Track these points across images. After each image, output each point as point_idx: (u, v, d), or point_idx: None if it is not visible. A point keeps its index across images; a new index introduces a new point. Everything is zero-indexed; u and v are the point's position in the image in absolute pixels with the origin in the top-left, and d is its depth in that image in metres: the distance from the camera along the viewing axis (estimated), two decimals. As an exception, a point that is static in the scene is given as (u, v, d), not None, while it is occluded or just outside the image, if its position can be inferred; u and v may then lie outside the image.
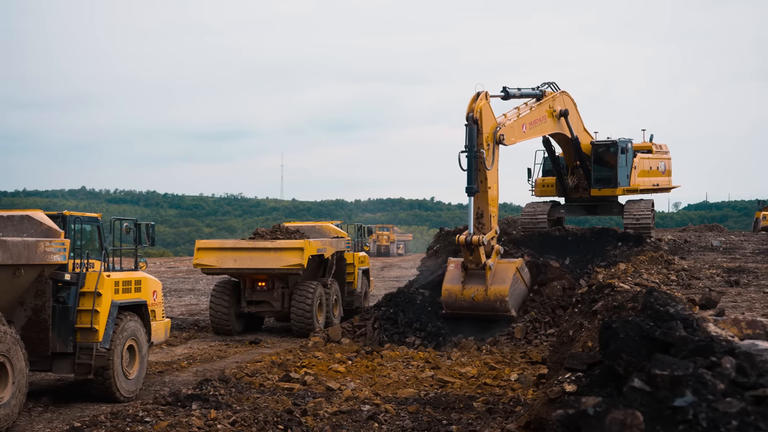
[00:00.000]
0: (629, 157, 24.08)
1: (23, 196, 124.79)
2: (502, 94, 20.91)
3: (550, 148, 24.12)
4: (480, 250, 19.36)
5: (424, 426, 12.00)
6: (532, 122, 21.41)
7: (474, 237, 19.21)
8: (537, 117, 21.60)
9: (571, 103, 23.33)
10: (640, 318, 7.14)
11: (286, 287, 22.65)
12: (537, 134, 21.78)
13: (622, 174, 24.00)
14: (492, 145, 19.56)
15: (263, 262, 21.89)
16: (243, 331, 23.04)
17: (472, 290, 19.80)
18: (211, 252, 22.48)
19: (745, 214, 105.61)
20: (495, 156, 19.59)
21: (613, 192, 24.15)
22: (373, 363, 17.39)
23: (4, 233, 12.51)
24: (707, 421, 4.98)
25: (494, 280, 19.81)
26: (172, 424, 11.35)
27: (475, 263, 19.58)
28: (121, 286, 14.13)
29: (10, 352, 11.56)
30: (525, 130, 20.96)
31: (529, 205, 25.17)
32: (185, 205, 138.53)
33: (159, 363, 17.72)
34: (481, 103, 19.23)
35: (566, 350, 11.26)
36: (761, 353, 5.94)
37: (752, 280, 19.34)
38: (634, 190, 24.41)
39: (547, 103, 22.16)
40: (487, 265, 19.55)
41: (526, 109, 21.45)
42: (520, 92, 21.56)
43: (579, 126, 23.90)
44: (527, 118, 21.26)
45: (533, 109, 21.62)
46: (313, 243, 22.19)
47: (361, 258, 26.85)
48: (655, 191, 25.95)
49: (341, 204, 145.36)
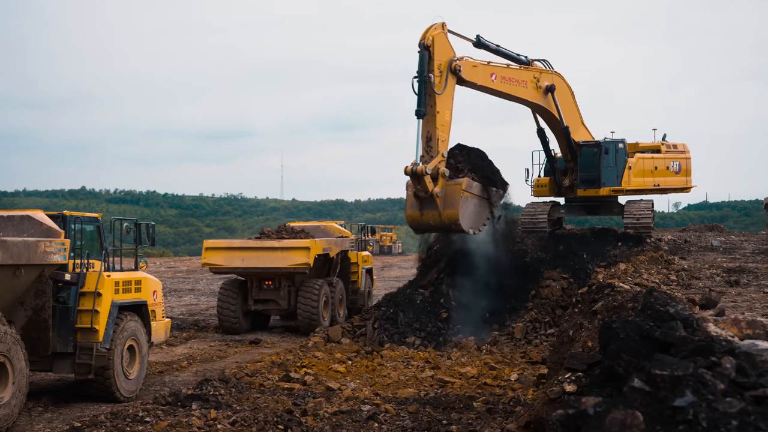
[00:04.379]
0: (620, 157, 23.89)
1: (23, 196, 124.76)
2: (474, 40, 21.39)
3: (545, 138, 24.11)
4: (426, 178, 19.42)
5: (424, 426, 12.00)
6: (509, 78, 21.63)
7: (419, 167, 19.34)
8: (516, 77, 21.85)
9: (566, 88, 23.41)
10: (640, 318, 7.14)
11: (293, 286, 23.11)
12: (511, 92, 21.85)
13: (608, 174, 23.91)
14: (446, 73, 19.79)
15: (270, 261, 22.36)
16: (250, 330, 23.46)
17: (429, 215, 20.12)
18: (219, 251, 22.99)
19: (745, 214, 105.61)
20: (448, 84, 19.81)
21: (597, 192, 24.14)
22: (373, 363, 17.39)
23: (5, 233, 12.51)
24: (707, 421, 4.98)
25: (445, 204, 19.98)
26: (172, 424, 11.35)
27: (423, 192, 19.75)
28: (122, 286, 14.14)
29: (11, 352, 11.56)
30: (494, 80, 21.22)
31: (529, 205, 25.13)
32: (185, 205, 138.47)
33: (159, 363, 17.72)
34: (435, 32, 19.63)
35: (566, 350, 11.26)
36: (761, 353, 5.94)
37: (752, 280, 19.36)
38: (626, 190, 24.22)
39: (532, 71, 22.42)
40: (434, 194, 19.69)
41: (503, 65, 21.82)
42: (498, 48, 21.98)
43: (576, 119, 23.90)
44: (503, 71, 21.56)
45: (513, 68, 22.01)
46: (318, 242, 22.68)
47: (364, 257, 27.19)
48: (658, 192, 25.75)
49: (341, 204, 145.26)
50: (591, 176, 24.01)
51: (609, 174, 23.93)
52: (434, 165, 19.41)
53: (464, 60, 20.28)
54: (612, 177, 23.95)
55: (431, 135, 19.70)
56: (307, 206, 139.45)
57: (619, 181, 23.92)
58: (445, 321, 20.62)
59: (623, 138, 24.33)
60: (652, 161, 24.73)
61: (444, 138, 19.86)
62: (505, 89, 21.56)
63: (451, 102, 20.05)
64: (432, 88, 19.43)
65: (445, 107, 19.83)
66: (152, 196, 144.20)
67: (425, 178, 19.33)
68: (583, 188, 24.20)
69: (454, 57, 20.01)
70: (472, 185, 20.44)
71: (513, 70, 21.89)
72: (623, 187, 24.01)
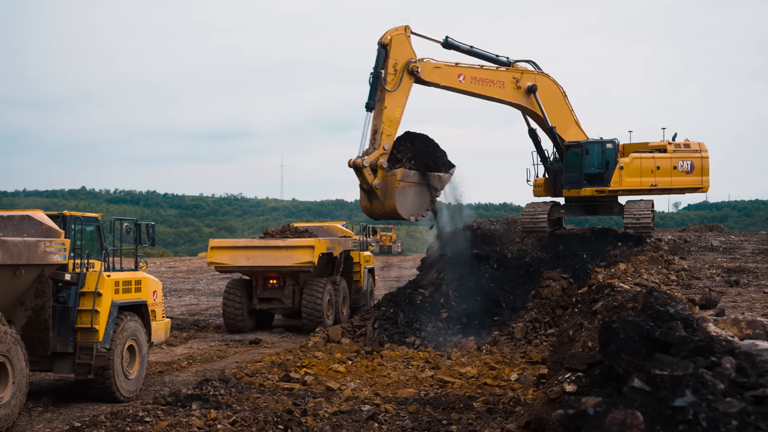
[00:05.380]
0: (608, 157, 23.73)
1: (23, 196, 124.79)
2: (441, 41, 21.85)
3: (537, 139, 24.19)
4: (365, 171, 19.94)
5: (424, 426, 12.00)
6: (481, 79, 21.99)
7: (358, 160, 19.94)
8: (491, 78, 22.16)
9: (555, 89, 23.51)
10: (640, 318, 7.14)
11: (297, 284, 23.36)
12: (484, 92, 22.22)
13: (591, 175, 23.85)
14: (401, 72, 20.47)
15: (275, 260, 22.60)
16: (254, 328, 23.69)
17: (375, 206, 20.72)
18: (224, 251, 23.19)
19: (745, 214, 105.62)
20: (402, 83, 20.49)
21: (578, 193, 24.15)
22: (373, 363, 17.39)
23: (5, 233, 12.51)
24: (707, 421, 4.98)
25: (385, 195, 20.48)
26: (172, 424, 11.34)
27: (365, 184, 20.30)
28: (122, 286, 14.13)
29: (11, 352, 11.56)
30: (462, 80, 21.62)
31: (529, 205, 25.11)
32: (185, 205, 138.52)
33: (159, 363, 17.72)
34: (394, 32, 20.41)
35: (566, 350, 11.25)
36: (761, 353, 5.94)
37: (752, 280, 19.35)
38: (619, 190, 24.07)
39: (512, 72, 22.67)
40: (373, 186, 20.20)
41: (476, 66, 22.13)
42: (471, 49, 22.30)
43: (567, 119, 23.96)
44: (474, 72, 21.92)
45: (488, 69, 22.32)
46: (322, 241, 22.97)
47: (366, 257, 27.39)
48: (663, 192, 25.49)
49: (341, 204, 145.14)
50: (573, 176, 24.05)
51: (593, 174, 23.81)
52: (374, 158, 20.01)
53: (425, 61, 20.89)
54: (596, 177, 23.80)
55: (377, 128, 20.37)
56: (307, 206, 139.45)
57: (606, 182, 23.75)
58: (445, 321, 20.62)
59: (614, 138, 24.16)
60: (653, 161, 24.41)
61: (389, 132, 20.51)
62: (476, 90, 22.06)
63: (403, 100, 20.70)
64: (382, 84, 20.18)
65: (395, 104, 20.52)
66: (152, 196, 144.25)
67: (364, 170, 19.99)
68: (567, 188, 24.29)
69: (413, 58, 20.66)
70: (408, 174, 20.86)
71: (487, 71, 22.24)
72: (612, 188, 23.81)
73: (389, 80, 20.29)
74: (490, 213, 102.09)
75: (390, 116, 20.31)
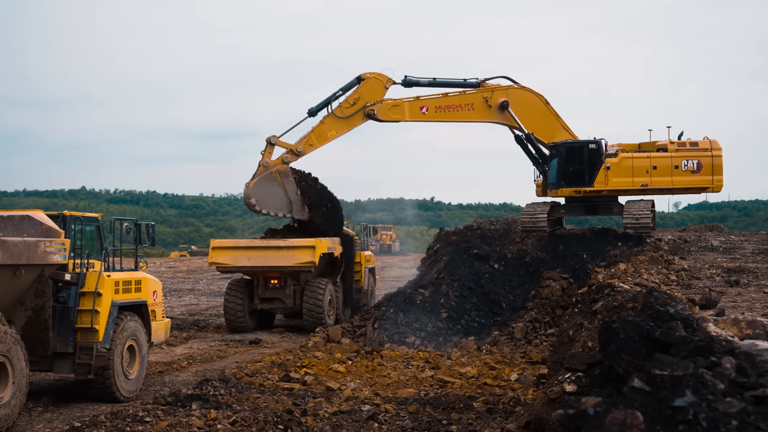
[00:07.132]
0: (592, 158, 23.61)
1: (23, 196, 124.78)
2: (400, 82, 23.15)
3: (523, 144, 24.38)
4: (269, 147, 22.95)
5: (424, 426, 12.00)
6: (446, 107, 22.95)
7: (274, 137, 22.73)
8: (457, 103, 22.97)
9: (535, 100, 23.95)
10: (640, 318, 7.14)
11: (298, 284, 23.44)
12: (452, 119, 23.25)
13: (570, 175, 23.88)
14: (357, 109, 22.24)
15: (276, 260, 22.72)
16: (255, 328, 23.78)
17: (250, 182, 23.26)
18: (226, 251, 23.31)
19: (745, 214, 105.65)
20: (353, 118, 22.36)
21: (556, 194, 24.24)
22: (373, 363, 17.39)
23: (5, 233, 12.50)
24: (707, 421, 4.98)
25: (255, 175, 23.17)
26: (172, 424, 11.34)
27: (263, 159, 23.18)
28: (122, 286, 14.13)
29: (11, 352, 11.56)
30: (426, 112, 22.74)
31: (529, 206, 25.07)
32: (185, 205, 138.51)
33: (159, 363, 17.71)
34: (375, 76, 22.06)
35: (566, 350, 11.26)
36: (761, 353, 5.94)
37: (752, 280, 19.34)
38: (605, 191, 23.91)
39: (481, 92, 23.26)
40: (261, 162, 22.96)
41: (439, 95, 23.11)
42: (433, 81, 23.29)
43: (552, 125, 24.27)
44: (437, 101, 22.93)
45: (453, 96, 23.14)
46: (323, 241, 23.04)
47: (367, 257, 27.50)
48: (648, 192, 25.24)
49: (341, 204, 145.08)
50: (552, 177, 24.18)
51: (572, 175, 23.77)
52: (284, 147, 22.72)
53: (381, 103, 22.24)
54: (576, 177, 23.72)
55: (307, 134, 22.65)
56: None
57: (589, 182, 23.66)
58: (445, 321, 20.62)
59: (600, 138, 24.03)
60: (648, 161, 24.06)
61: (312, 143, 22.75)
62: (443, 118, 23.13)
63: (344, 130, 22.76)
64: (333, 106, 22.11)
65: (333, 127, 22.50)
66: (152, 196, 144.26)
67: (269, 147, 22.61)
68: (550, 188, 24.48)
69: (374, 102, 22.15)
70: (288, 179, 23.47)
71: (452, 98, 23.08)
72: (596, 188, 23.69)
73: (343, 107, 21.96)
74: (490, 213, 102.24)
75: (322, 133, 22.20)
